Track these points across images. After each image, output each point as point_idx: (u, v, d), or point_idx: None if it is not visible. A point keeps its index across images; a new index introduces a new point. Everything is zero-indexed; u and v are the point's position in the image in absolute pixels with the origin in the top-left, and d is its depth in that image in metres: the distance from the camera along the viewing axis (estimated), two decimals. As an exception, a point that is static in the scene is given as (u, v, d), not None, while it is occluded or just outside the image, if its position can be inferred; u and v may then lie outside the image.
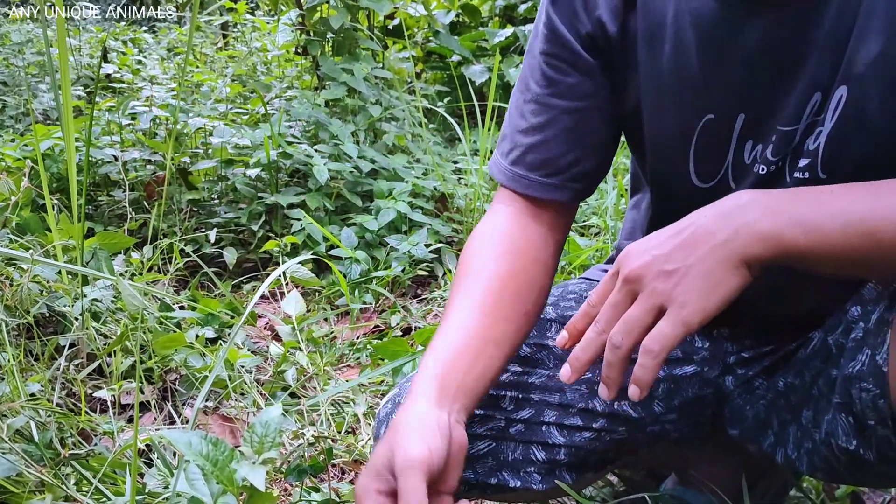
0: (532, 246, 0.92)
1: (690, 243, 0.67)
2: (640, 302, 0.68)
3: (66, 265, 1.38)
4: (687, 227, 0.69)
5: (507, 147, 0.94)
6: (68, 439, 1.17)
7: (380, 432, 0.98)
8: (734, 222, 0.66)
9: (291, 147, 2.01)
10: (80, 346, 1.45)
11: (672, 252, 0.67)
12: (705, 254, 0.66)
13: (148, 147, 2.06)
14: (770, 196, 0.68)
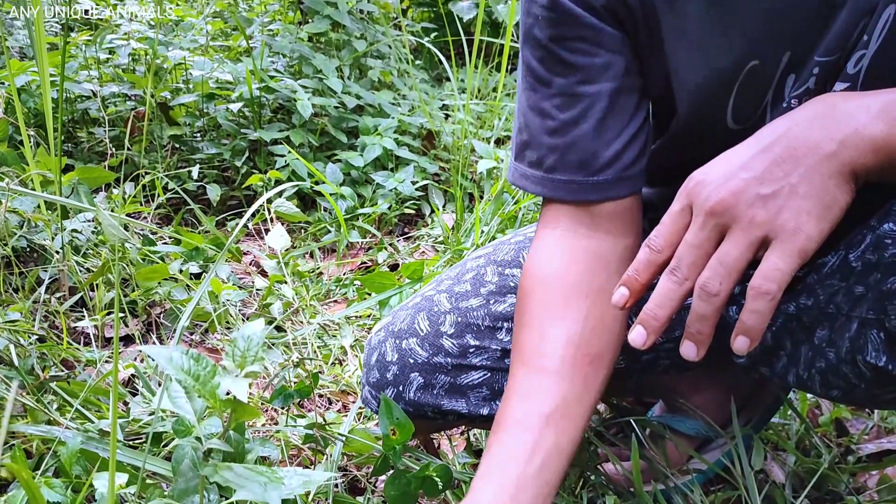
0: (598, 281, 0.81)
1: (789, 158, 0.58)
2: (737, 236, 0.58)
3: (45, 195, 1.35)
4: (776, 140, 0.60)
5: (535, 156, 0.83)
6: (51, 368, 1.16)
7: (370, 360, 0.97)
8: (841, 129, 0.58)
9: (274, 81, 1.96)
10: (62, 279, 1.43)
11: (766, 171, 0.58)
12: (811, 169, 0.57)
13: (127, 82, 2.01)
14: (872, 97, 0.59)
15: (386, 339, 0.95)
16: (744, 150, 0.60)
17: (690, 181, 0.61)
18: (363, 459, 1.10)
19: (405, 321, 0.95)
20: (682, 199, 0.61)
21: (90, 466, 0.91)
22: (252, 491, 0.69)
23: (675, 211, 0.61)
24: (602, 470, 1.07)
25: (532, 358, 0.79)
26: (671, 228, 0.61)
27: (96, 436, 0.93)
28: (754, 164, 0.59)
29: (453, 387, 0.92)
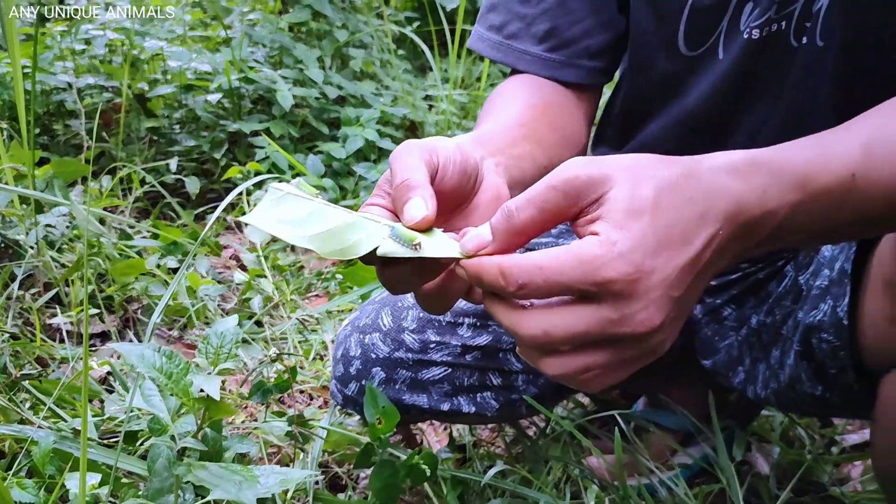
0: (557, 98, 0.85)
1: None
2: (610, 324, 0.49)
3: (18, 189, 1.32)
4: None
5: (499, 20, 0.86)
6: (25, 366, 1.14)
7: (336, 354, 0.96)
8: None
9: (254, 72, 1.94)
10: (37, 275, 1.40)
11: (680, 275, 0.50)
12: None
13: (103, 73, 1.97)
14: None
15: (351, 333, 0.94)
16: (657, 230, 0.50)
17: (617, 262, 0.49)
18: (344, 456, 1.09)
19: (370, 316, 0.94)
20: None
21: (64, 466, 0.89)
22: (227, 490, 0.67)
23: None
24: (585, 464, 1.07)
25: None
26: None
27: (70, 435, 0.91)
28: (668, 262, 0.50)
29: (415, 382, 0.91)
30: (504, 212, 0.50)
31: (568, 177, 0.49)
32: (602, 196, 0.49)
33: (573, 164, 0.50)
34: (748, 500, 1.00)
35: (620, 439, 0.93)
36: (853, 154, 0.51)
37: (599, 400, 1.24)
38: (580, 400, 1.26)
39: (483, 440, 1.19)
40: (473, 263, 0.50)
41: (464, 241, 0.52)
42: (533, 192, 0.50)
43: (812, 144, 0.52)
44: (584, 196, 0.49)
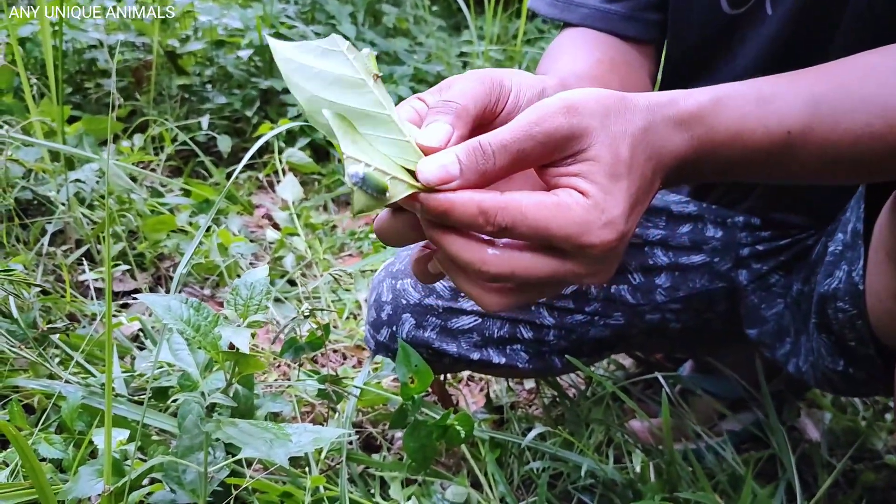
0: (621, 55, 0.82)
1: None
2: (577, 269, 0.50)
3: (49, 143, 1.30)
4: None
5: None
6: (56, 322, 1.12)
7: (370, 300, 0.94)
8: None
9: (285, 27, 1.89)
10: (68, 232, 1.38)
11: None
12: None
13: (134, 30, 1.94)
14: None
15: (384, 279, 0.93)
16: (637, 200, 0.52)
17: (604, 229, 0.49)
18: (379, 416, 1.06)
19: (403, 262, 0.93)
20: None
21: (93, 422, 0.87)
22: (257, 448, 0.64)
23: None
24: (628, 427, 1.02)
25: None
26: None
27: (98, 391, 0.89)
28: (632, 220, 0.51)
29: (444, 330, 0.89)
30: (477, 150, 0.48)
31: (549, 129, 0.48)
32: (581, 152, 0.49)
33: (553, 112, 0.48)
34: (798, 467, 0.95)
35: (667, 402, 0.89)
36: (793, 111, 0.52)
37: (643, 361, 1.20)
38: (621, 361, 1.21)
39: (521, 402, 1.15)
40: (443, 199, 0.47)
41: (425, 169, 0.47)
42: (510, 138, 0.48)
43: (755, 96, 0.53)
44: (562, 149, 0.49)
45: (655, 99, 0.52)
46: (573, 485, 0.93)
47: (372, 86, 0.49)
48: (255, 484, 0.80)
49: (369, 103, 0.49)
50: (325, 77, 0.49)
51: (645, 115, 0.50)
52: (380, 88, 0.50)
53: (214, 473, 0.77)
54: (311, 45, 0.50)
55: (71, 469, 0.79)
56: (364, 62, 0.50)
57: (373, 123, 0.49)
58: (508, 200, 0.47)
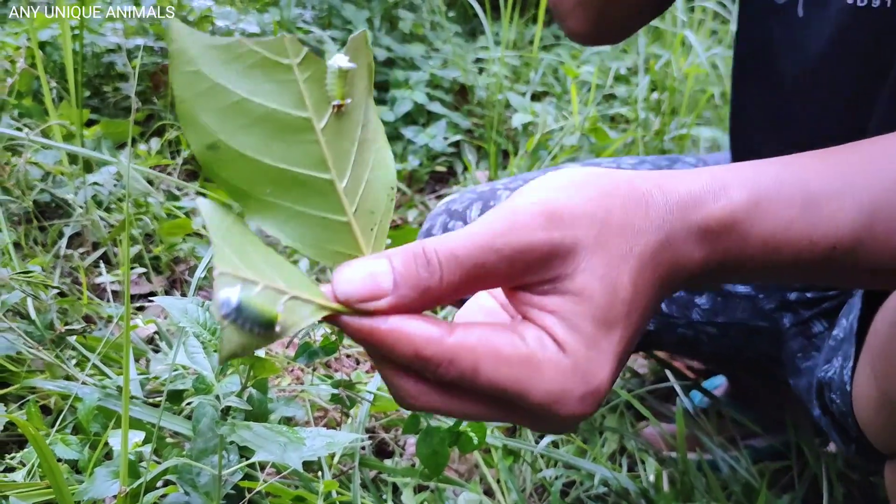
0: None
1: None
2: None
3: (68, 146, 1.31)
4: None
5: None
6: (72, 323, 1.13)
7: (423, 228, 0.96)
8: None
9: (301, 32, 1.90)
10: (85, 234, 1.39)
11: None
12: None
13: (152, 35, 1.96)
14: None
15: (441, 214, 0.92)
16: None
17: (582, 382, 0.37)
18: (392, 421, 1.06)
19: (463, 203, 0.92)
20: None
21: (108, 424, 0.87)
22: (271, 452, 0.64)
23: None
24: (642, 435, 1.02)
25: None
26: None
27: (114, 392, 0.89)
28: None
29: None
30: (419, 258, 0.35)
31: (519, 244, 0.35)
32: (563, 279, 0.36)
33: (527, 219, 0.35)
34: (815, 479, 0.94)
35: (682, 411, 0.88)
36: (844, 222, 0.40)
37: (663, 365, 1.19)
38: (636, 370, 1.21)
39: (534, 409, 1.15)
40: (369, 329, 0.35)
41: (343, 278, 0.35)
42: (465, 248, 0.35)
43: (802, 197, 0.40)
44: (536, 271, 0.36)
45: (676, 198, 0.38)
46: (586, 493, 0.92)
47: (320, 131, 0.35)
48: (269, 488, 0.80)
49: (305, 159, 0.35)
50: (247, 111, 0.33)
51: (662, 225, 0.37)
52: (345, 126, 0.35)
53: (228, 476, 0.77)
54: (241, 46, 0.33)
55: (86, 470, 0.79)
56: (334, 80, 0.34)
57: (300, 192, 0.35)
58: (457, 349, 0.35)
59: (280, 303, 0.33)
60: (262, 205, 0.35)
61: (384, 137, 0.38)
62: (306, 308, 0.33)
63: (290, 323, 0.33)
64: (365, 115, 0.36)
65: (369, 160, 0.37)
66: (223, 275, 0.31)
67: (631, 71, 2.23)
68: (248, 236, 0.34)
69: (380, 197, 0.37)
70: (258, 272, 0.33)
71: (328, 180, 0.35)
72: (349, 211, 0.36)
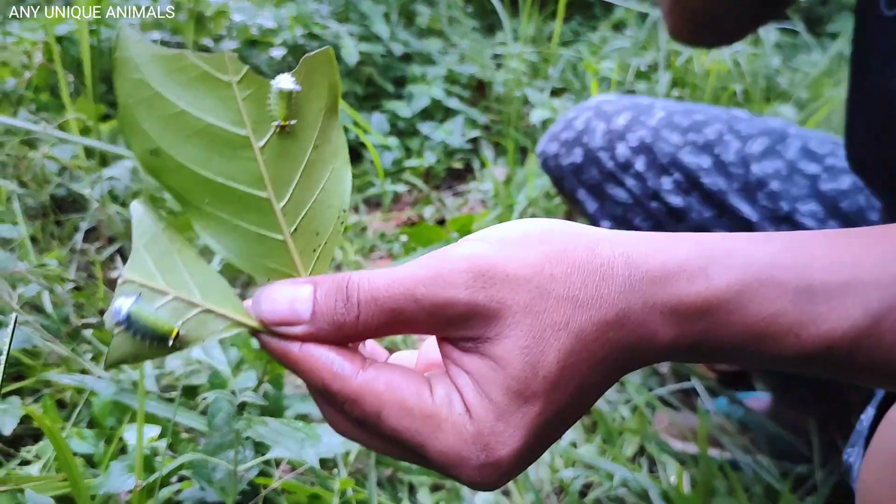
0: None
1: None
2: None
3: (84, 139, 1.31)
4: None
5: None
6: (88, 317, 1.13)
7: (568, 115, 0.99)
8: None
9: (319, 27, 1.89)
10: (100, 229, 1.39)
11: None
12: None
13: (168, 29, 1.95)
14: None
15: (588, 110, 0.95)
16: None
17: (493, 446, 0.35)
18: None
19: (614, 107, 0.94)
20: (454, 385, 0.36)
21: (123, 418, 0.87)
22: (288, 447, 0.63)
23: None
24: (663, 438, 1.00)
25: None
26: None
27: (129, 387, 0.88)
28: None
29: (595, 187, 0.91)
30: (340, 294, 0.34)
31: (439, 300, 0.34)
32: (485, 341, 0.34)
33: (453, 275, 0.34)
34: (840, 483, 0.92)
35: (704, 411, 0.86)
36: (843, 323, 0.35)
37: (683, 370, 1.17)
38: (657, 369, 1.19)
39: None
40: (283, 351, 0.35)
41: (264, 298, 0.35)
42: (386, 292, 0.34)
43: (796, 285, 0.35)
44: (457, 328, 0.34)
45: (643, 272, 0.35)
46: (605, 494, 0.91)
47: (258, 149, 0.35)
48: (284, 484, 0.79)
49: (243, 176, 0.35)
50: (187, 123, 0.34)
51: (617, 301, 0.34)
52: (289, 146, 0.35)
53: (244, 472, 0.77)
54: (184, 59, 0.33)
55: (101, 464, 0.79)
56: (277, 101, 0.35)
57: (237, 207, 0.35)
58: (362, 391, 0.34)
59: (186, 316, 0.34)
60: (202, 214, 0.35)
61: (344, 158, 0.37)
62: (219, 322, 0.34)
63: (193, 336, 0.34)
64: (321, 136, 0.36)
65: (319, 181, 0.36)
66: (127, 282, 0.33)
67: (651, 67, 2.21)
68: (177, 244, 0.34)
69: (327, 218, 0.37)
70: (174, 283, 0.34)
71: (265, 198, 0.35)
72: (285, 230, 0.36)
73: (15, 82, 1.49)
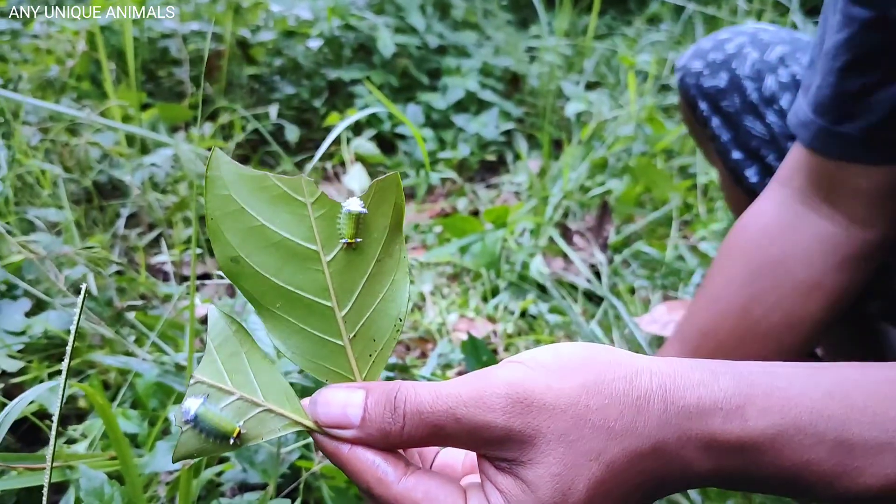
0: (798, 254, 0.66)
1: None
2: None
3: (128, 127, 1.33)
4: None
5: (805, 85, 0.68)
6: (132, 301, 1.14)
7: (719, 36, 0.94)
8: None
9: (355, 18, 1.90)
10: (141, 215, 1.41)
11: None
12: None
13: (207, 20, 1.97)
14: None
15: (743, 35, 0.91)
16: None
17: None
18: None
19: (767, 39, 0.91)
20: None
21: (166, 401, 0.88)
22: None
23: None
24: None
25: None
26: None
27: (172, 369, 0.90)
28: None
29: (733, 117, 0.88)
30: (389, 404, 0.37)
31: (478, 422, 0.35)
32: (519, 465, 0.36)
33: (492, 400, 0.35)
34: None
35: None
36: (875, 478, 0.36)
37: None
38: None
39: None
40: (334, 451, 0.38)
41: (321, 400, 0.38)
42: (430, 408, 0.36)
43: (837, 437, 0.36)
44: (494, 448, 0.36)
45: (680, 407, 0.36)
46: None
47: (325, 263, 0.38)
48: (324, 469, 0.80)
49: (310, 285, 0.38)
50: (265, 235, 0.37)
51: (652, 434, 0.35)
52: (355, 260, 0.38)
53: (286, 455, 0.77)
54: (267, 180, 0.37)
55: (146, 444, 0.80)
56: (345, 221, 0.38)
57: (304, 313, 0.39)
58: (402, 497, 0.37)
59: (248, 415, 0.37)
60: (272, 316, 0.38)
61: (404, 271, 0.40)
62: (278, 421, 0.38)
63: (253, 434, 0.37)
64: (384, 250, 0.39)
65: (379, 291, 0.39)
66: (198, 383, 0.37)
67: (686, 61, 2.19)
68: (245, 346, 0.38)
69: (384, 326, 0.39)
70: (240, 383, 0.37)
71: (329, 307, 0.38)
72: (345, 336, 0.39)
73: (58, 70, 1.52)
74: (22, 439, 0.91)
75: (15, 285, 0.92)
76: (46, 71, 1.48)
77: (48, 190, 1.20)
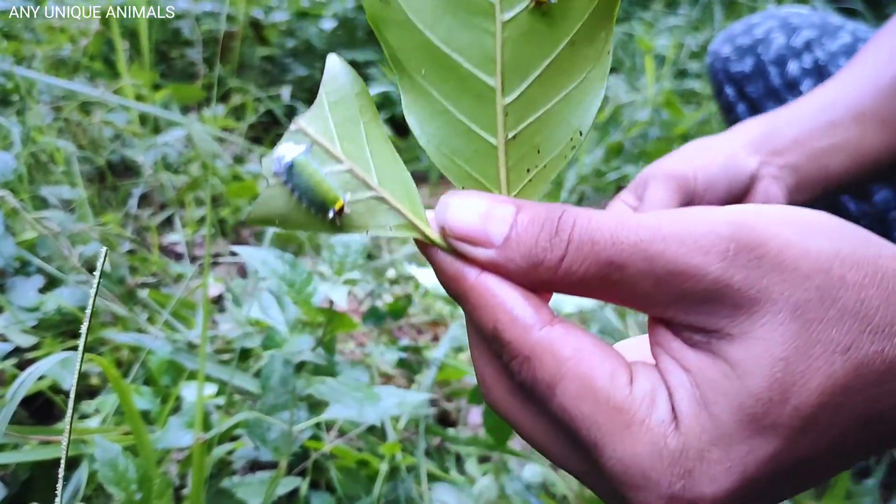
0: None
1: None
2: None
3: (141, 105, 1.32)
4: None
5: None
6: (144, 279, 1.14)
7: (752, 20, 0.94)
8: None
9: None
10: (153, 196, 1.41)
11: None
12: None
13: (220, 1, 1.96)
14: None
15: (774, 18, 0.92)
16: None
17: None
18: (453, 391, 1.04)
19: (798, 22, 0.91)
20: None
21: (178, 378, 0.88)
22: (347, 406, 0.63)
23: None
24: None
25: None
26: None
27: (184, 347, 0.89)
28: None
29: (757, 102, 0.89)
30: (549, 224, 0.26)
31: (681, 266, 0.25)
32: (725, 335, 0.25)
33: (709, 244, 0.25)
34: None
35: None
36: None
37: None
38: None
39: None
40: (452, 269, 0.28)
41: (452, 204, 0.28)
42: (608, 236, 0.25)
43: None
44: (689, 310, 0.26)
45: None
46: None
47: (500, 22, 0.28)
48: (334, 449, 0.79)
49: (472, 50, 0.28)
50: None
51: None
52: (541, 28, 0.28)
53: (297, 433, 0.77)
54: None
55: (158, 421, 0.80)
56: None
57: (455, 87, 0.29)
58: (541, 349, 0.26)
59: (356, 196, 0.27)
60: (413, 85, 0.28)
61: (603, 71, 0.28)
62: (391, 217, 0.28)
63: (358, 222, 0.28)
64: (584, 30, 0.27)
65: (564, 86, 0.28)
66: (298, 131, 0.27)
67: (704, 48, 2.16)
68: (367, 117, 0.28)
69: (557, 136, 0.28)
70: (352, 154, 0.28)
71: (490, 86, 0.28)
72: (501, 134, 0.28)
73: (71, 49, 1.51)
74: (35, 415, 0.91)
75: (28, 262, 0.92)
76: (60, 49, 1.48)
77: (62, 166, 1.20)
